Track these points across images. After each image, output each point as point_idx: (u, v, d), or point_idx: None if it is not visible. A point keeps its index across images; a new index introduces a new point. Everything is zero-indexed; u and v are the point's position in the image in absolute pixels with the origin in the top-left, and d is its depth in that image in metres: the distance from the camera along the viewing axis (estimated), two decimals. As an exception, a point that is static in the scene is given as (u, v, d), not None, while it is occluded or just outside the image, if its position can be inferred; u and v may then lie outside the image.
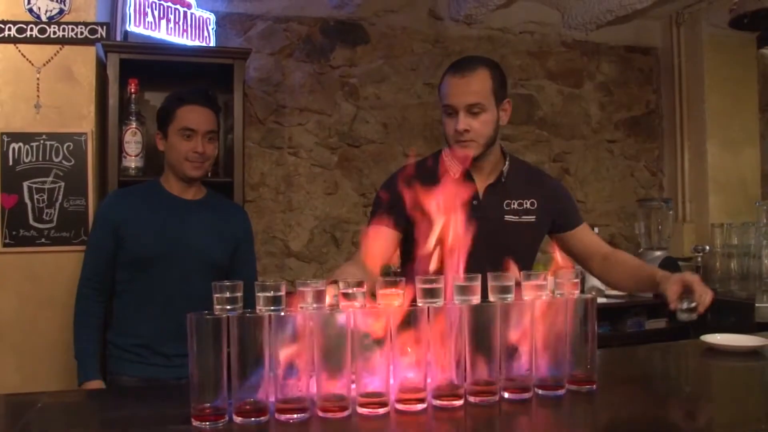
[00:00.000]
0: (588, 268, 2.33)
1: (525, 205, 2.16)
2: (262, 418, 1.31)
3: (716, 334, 2.04)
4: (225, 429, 1.30)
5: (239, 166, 3.10)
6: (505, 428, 1.38)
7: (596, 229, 3.96)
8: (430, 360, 1.40)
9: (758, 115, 4.62)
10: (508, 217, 2.14)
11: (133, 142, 2.99)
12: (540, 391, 1.49)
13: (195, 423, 1.30)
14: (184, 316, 2.23)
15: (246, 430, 1.30)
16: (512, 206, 2.15)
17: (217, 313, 1.35)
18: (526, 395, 1.46)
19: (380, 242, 2.11)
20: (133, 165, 3.00)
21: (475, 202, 2.13)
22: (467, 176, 2.14)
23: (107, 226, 2.34)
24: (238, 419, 1.31)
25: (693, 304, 1.83)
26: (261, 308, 1.35)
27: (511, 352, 1.46)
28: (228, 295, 1.38)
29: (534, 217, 2.16)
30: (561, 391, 1.49)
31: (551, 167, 4.46)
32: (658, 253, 4.02)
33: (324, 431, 1.31)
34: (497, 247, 1.97)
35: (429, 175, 2.08)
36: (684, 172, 4.63)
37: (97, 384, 2.26)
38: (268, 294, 1.35)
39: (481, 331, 1.43)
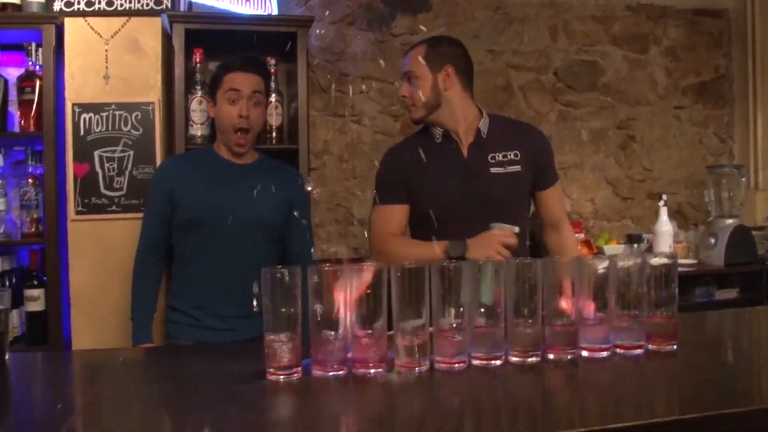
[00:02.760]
0: (543, 237, 2.45)
1: (509, 156, 2.25)
2: (340, 372, 1.32)
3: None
4: (301, 382, 1.31)
5: (304, 133, 3.10)
6: (584, 385, 1.36)
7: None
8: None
9: (836, 78, 4.41)
10: (493, 170, 2.24)
11: (198, 110, 3.01)
12: (619, 351, 1.45)
13: (270, 377, 1.31)
14: (237, 278, 2.29)
15: (323, 383, 1.30)
16: (497, 158, 2.25)
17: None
18: (605, 353, 1.43)
19: (396, 218, 2.31)
20: (199, 133, 3.03)
21: (460, 161, 2.26)
22: (450, 139, 2.28)
23: (161, 192, 2.38)
24: (318, 372, 1.32)
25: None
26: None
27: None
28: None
29: (519, 167, 2.25)
30: (639, 351, 1.46)
31: (616, 134, 4.35)
32: (729, 221, 3.87)
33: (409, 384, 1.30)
34: (488, 200, 2.19)
35: (417, 146, 2.31)
36: (756, 138, 4.43)
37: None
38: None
39: (555, 288, 1.43)
